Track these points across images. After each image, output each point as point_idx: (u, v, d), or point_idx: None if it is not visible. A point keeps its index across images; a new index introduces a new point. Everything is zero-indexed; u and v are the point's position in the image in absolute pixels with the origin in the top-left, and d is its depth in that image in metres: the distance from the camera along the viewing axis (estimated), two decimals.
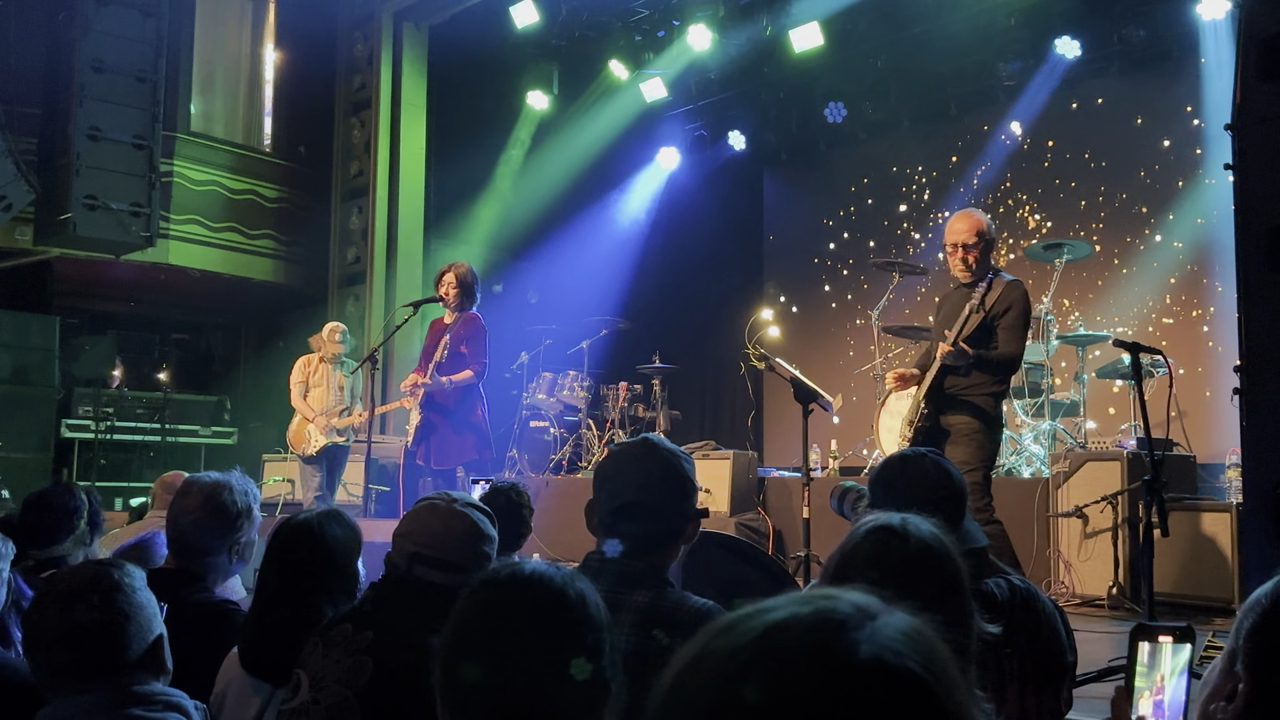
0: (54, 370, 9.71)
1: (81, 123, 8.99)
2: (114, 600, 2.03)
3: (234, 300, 12.56)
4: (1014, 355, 5.19)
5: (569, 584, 1.52)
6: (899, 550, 1.67)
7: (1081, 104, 10.00)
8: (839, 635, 0.77)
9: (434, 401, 6.83)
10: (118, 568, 2.12)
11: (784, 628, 0.78)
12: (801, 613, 0.79)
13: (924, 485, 2.57)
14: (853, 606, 0.80)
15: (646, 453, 2.30)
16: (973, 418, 5.13)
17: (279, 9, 12.37)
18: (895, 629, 0.79)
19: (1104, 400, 9.02)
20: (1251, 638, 1.30)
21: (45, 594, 2.08)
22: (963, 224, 5.30)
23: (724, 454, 8.18)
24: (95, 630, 2.01)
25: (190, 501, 2.96)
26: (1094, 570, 6.29)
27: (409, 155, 11.52)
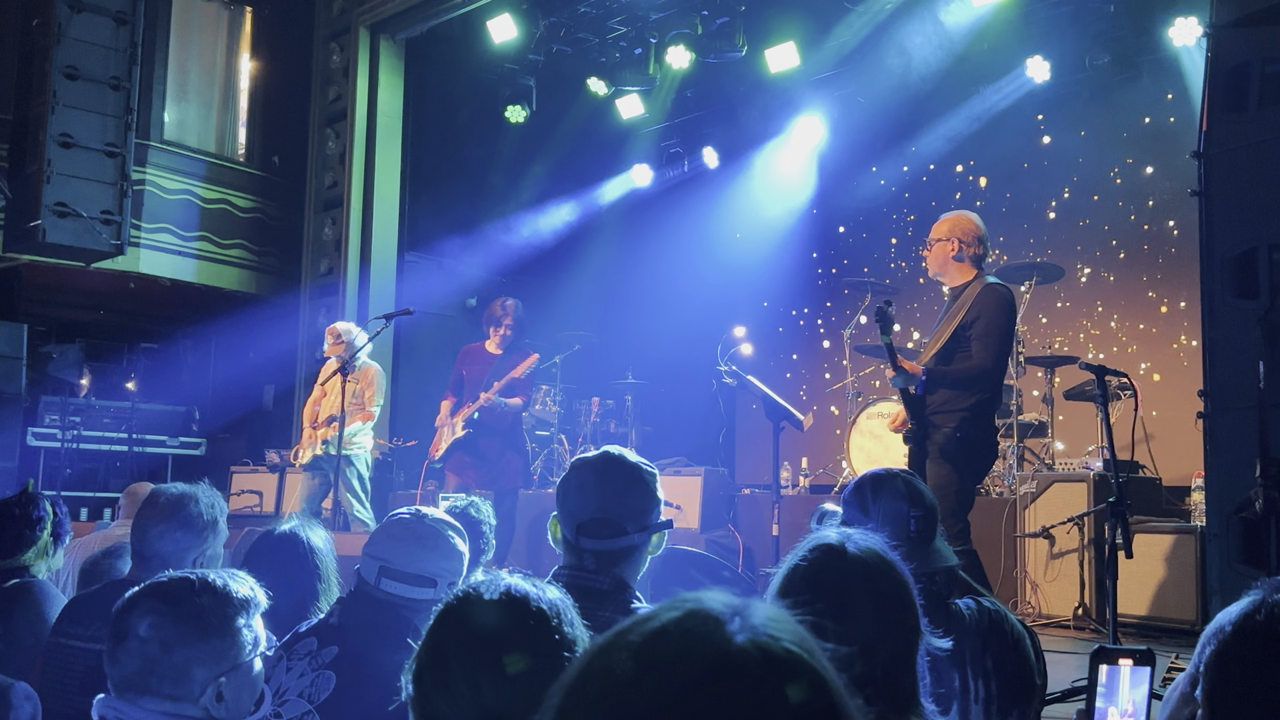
0: (20, 378, 9.60)
1: (53, 129, 8.92)
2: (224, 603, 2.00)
3: (204, 310, 12.47)
4: (979, 368, 4.87)
5: (544, 600, 1.51)
6: (835, 568, 1.68)
7: (1053, 126, 10.10)
8: (715, 630, 0.82)
9: (486, 425, 7.16)
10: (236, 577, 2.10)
11: (662, 634, 0.82)
12: (674, 616, 0.83)
13: (897, 504, 2.59)
14: (722, 603, 0.85)
15: (609, 465, 2.30)
16: (949, 437, 4.87)
17: (255, 19, 12.34)
18: (764, 615, 0.84)
19: (1071, 422, 9.10)
20: (1212, 667, 1.31)
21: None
22: (939, 224, 5.26)
23: (695, 470, 8.20)
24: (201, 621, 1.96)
25: (156, 511, 2.95)
26: (1060, 591, 6.34)
27: (384, 167, 11.49)
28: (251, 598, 2.00)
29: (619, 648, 0.83)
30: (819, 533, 1.77)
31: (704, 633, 0.81)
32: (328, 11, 11.99)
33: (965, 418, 4.86)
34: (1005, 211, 10.46)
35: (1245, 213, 3.47)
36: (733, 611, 0.83)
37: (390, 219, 11.54)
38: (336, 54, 11.77)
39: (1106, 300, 9.80)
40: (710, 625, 0.82)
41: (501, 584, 1.53)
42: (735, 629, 0.81)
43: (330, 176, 11.69)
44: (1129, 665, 1.75)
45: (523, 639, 1.47)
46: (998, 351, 4.87)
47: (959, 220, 5.23)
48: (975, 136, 10.47)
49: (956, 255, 5.12)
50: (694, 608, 0.84)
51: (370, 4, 11.42)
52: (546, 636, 1.48)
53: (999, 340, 4.88)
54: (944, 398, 4.91)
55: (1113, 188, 9.82)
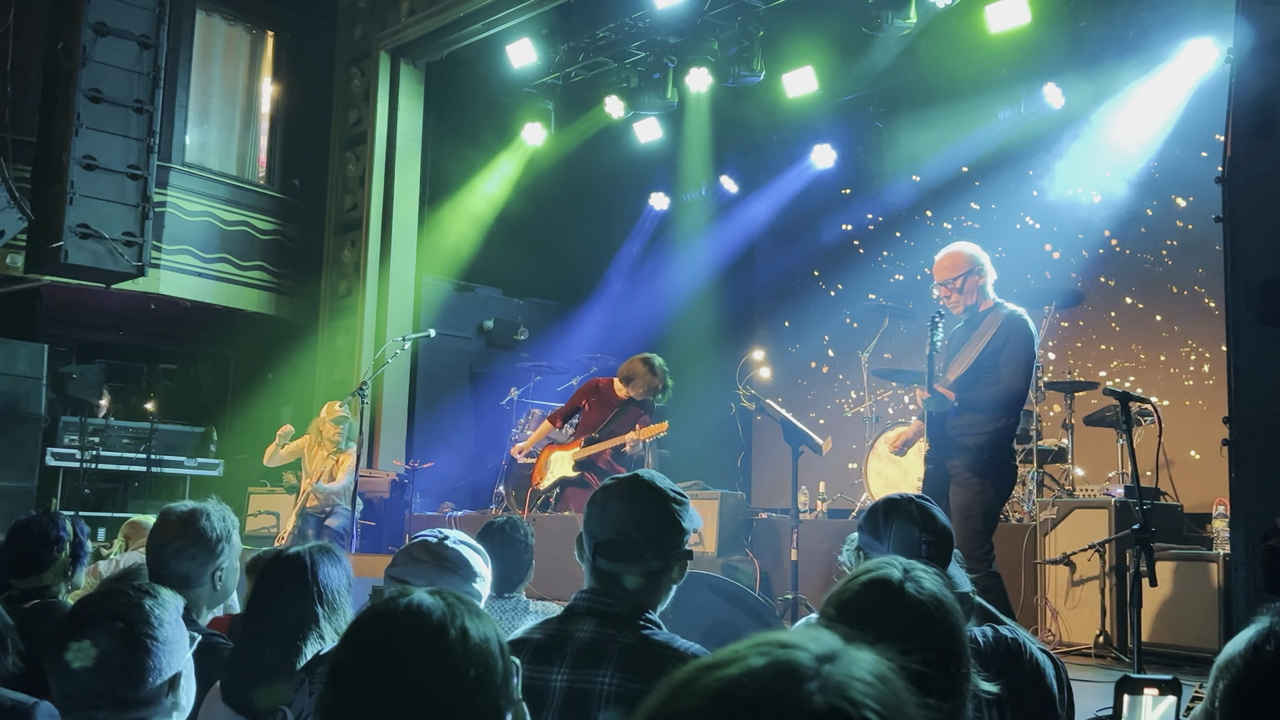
0: (41, 398, 9.65)
1: (76, 151, 8.99)
2: (138, 630, 2.00)
3: (224, 331, 12.53)
4: (1014, 390, 5.03)
5: (451, 618, 1.43)
6: (894, 606, 1.64)
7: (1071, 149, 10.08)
8: (794, 687, 0.77)
9: (594, 464, 7.67)
10: (152, 597, 2.08)
11: (739, 684, 0.78)
12: (756, 666, 0.79)
13: (909, 529, 2.58)
14: (809, 655, 0.80)
15: (634, 489, 2.25)
16: (972, 461, 5.00)
17: (277, 43, 12.45)
18: (852, 674, 0.79)
19: (1091, 448, 9.04)
20: (1226, 703, 1.29)
21: (75, 614, 2.05)
22: (944, 262, 5.36)
23: (712, 494, 8.17)
24: (113, 658, 1.97)
25: (169, 530, 2.94)
26: (1081, 618, 6.28)
27: (403, 190, 11.56)
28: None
29: (696, 692, 0.79)
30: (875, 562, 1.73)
31: (782, 689, 0.77)
32: (349, 36, 12.09)
33: (993, 439, 5.01)
34: (1019, 235, 10.44)
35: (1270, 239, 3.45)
36: (819, 664, 0.79)
37: (409, 241, 11.59)
38: (357, 78, 11.86)
39: (1126, 324, 9.75)
40: (790, 681, 0.78)
41: (401, 601, 1.45)
42: (815, 689, 0.77)
43: (350, 199, 11.76)
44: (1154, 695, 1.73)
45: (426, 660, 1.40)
46: (1026, 377, 5.04)
47: (954, 256, 5.37)
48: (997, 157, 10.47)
49: (980, 287, 5.28)
50: (779, 658, 0.79)
51: (391, 29, 11.52)
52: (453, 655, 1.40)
53: (1027, 366, 5.06)
54: (970, 420, 5.03)
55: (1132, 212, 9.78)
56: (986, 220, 10.71)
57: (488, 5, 10.49)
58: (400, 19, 11.46)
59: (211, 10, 11.82)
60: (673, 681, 0.81)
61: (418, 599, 1.45)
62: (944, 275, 5.33)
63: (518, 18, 10.47)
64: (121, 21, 9.34)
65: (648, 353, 7.97)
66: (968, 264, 5.31)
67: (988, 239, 10.64)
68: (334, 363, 11.54)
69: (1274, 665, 1.25)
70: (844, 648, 0.82)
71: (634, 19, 10.14)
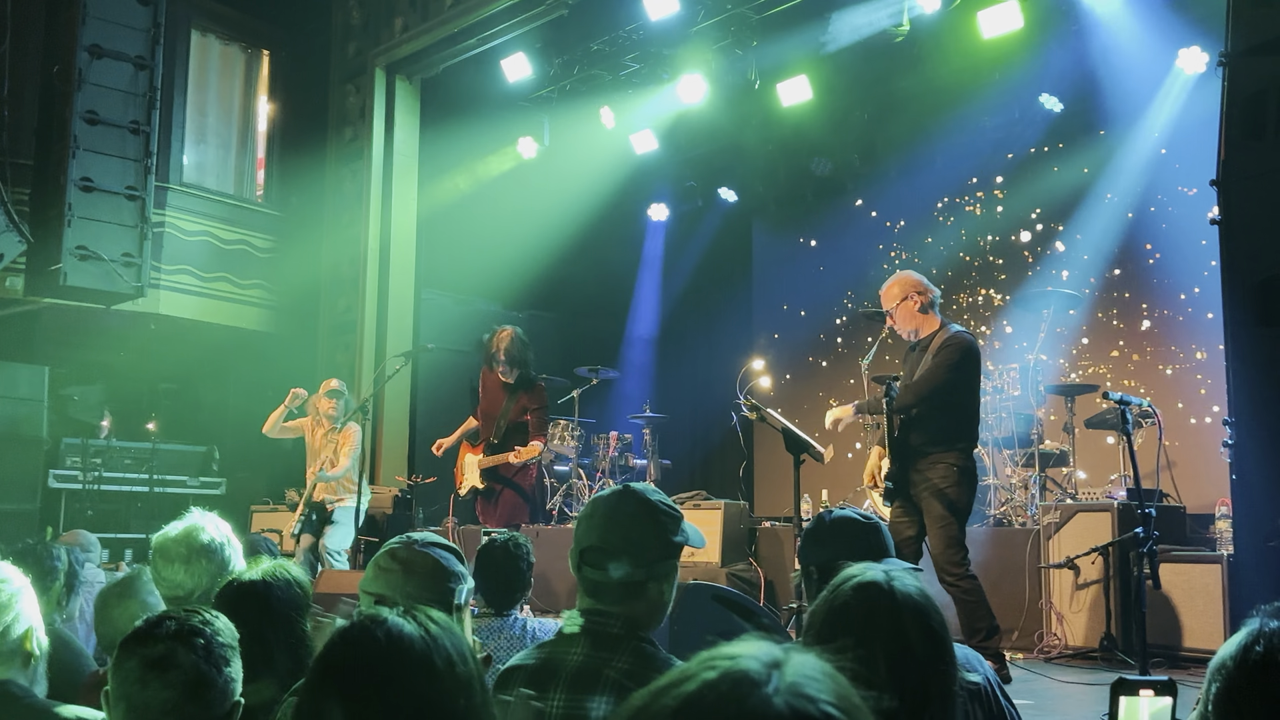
0: (42, 421, 9.66)
1: (74, 173, 9.01)
2: (214, 649, 2.00)
3: (224, 349, 12.52)
4: (919, 388, 5.35)
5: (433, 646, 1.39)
6: (888, 606, 1.66)
7: (1066, 156, 10.10)
8: (752, 694, 0.79)
9: (497, 472, 7.31)
10: (222, 621, 2.08)
11: (698, 699, 0.80)
12: (710, 679, 0.81)
13: (851, 536, 2.60)
14: (758, 662, 0.82)
15: (619, 499, 2.24)
16: (941, 473, 5.31)
17: (272, 62, 12.48)
18: (804, 675, 0.81)
19: (1093, 450, 9.05)
20: (1219, 704, 1.30)
21: (152, 628, 2.02)
22: (884, 291, 5.75)
23: (715, 504, 8.16)
24: (191, 673, 1.96)
25: (173, 555, 2.92)
26: (1086, 621, 6.28)
27: (401, 206, 11.57)
28: None
29: (655, 714, 0.80)
30: (856, 569, 1.74)
31: (740, 697, 0.79)
32: (344, 53, 12.12)
33: (961, 451, 5.37)
34: (1025, 240, 10.47)
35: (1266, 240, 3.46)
36: (770, 669, 0.81)
37: (407, 256, 11.60)
38: (353, 94, 11.89)
39: (1129, 326, 9.76)
40: (746, 688, 0.80)
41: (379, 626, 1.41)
42: (772, 690, 0.79)
43: (347, 215, 11.78)
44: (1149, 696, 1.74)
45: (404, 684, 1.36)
46: (941, 378, 5.33)
47: (904, 279, 5.73)
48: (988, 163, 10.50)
49: (921, 308, 5.61)
50: (730, 669, 0.81)
51: (385, 45, 11.54)
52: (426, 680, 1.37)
53: (946, 371, 5.35)
54: (936, 436, 5.37)
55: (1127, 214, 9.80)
56: (992, 224, 10.73)
57: (482, 20, 10.51)
58: (394, 35, 11.49)
59: (206, 30, 11.85)
60: (629, 707, 0.83)
61: (395, 628, 1.39)
62: (886, 303, 5.70)
63: (512, 32, 10.50)
64: (116, 43, 9.37)
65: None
66: (903, 291, 5.65)
67: (991, 244, 10.71)
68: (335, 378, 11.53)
69: (1263, 665, 1.26)
70: (786, 652, 0.84)
71: (628, 31, 10.17)
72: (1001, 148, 10.40)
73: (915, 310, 5.61)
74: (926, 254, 11.10)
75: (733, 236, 12.84)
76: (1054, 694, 5.17)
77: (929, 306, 5.63)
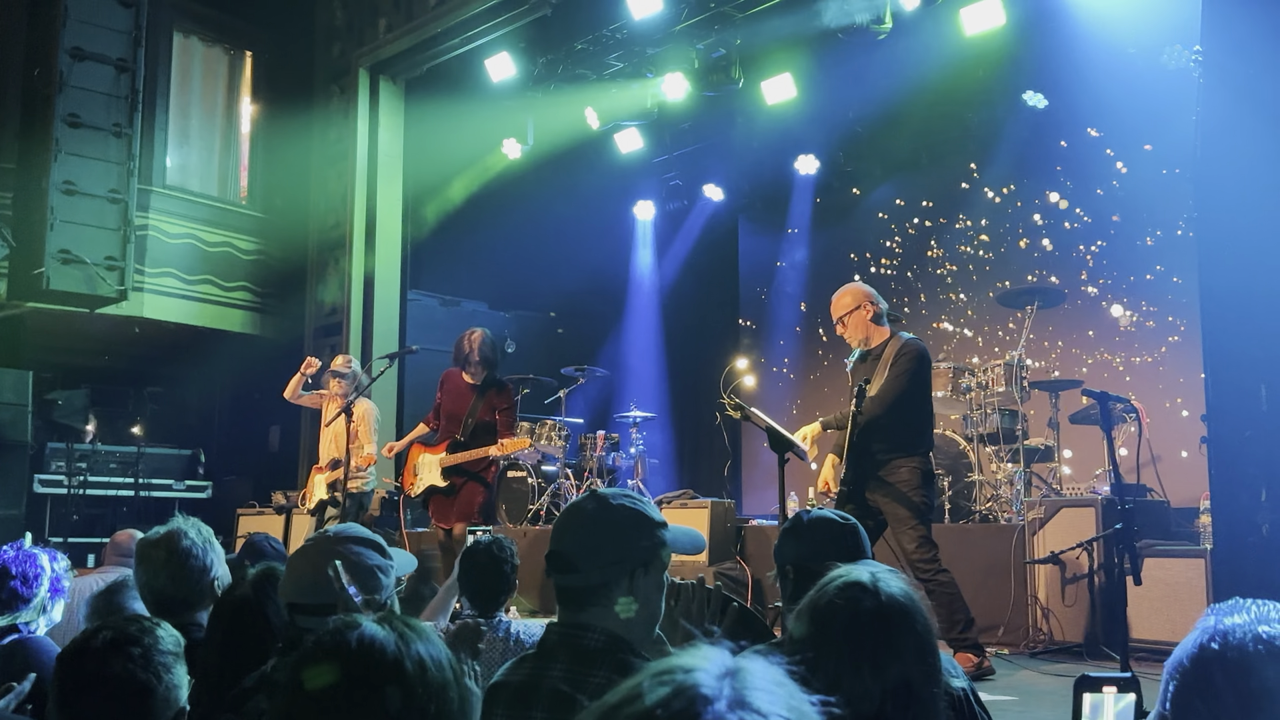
0: (27, 425, 9.61)
1: (56, 177, 8.98)
2: (153, 657, 1.98)
3: (209, 352, 12.48)
4: (884, 397, 5.48)
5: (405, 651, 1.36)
6: (873, 607, 1.66)
7: (1053, 149, 10.12)
8: (704, 710, 0.79)
9: (465, 470, 7.21)
10: (164, 629, 2.07)
11: (650, 718, 0.80)
12: (663, 695, 0.81)
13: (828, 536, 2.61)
14: (710, 675, 0.82)
15: (581, 503, 2.19)
16: (905, 477, 5.46)
17: (255, 63, 12.44)
18: (755, 685, 0.81)
19: (1079, 446, 9.08)
20: (1175, 702, 1.30)
21: (87, 640, 2.02)
22: (835, 300, 5.86)
23: (701, 503, 8.18)
24: (129, 683, 1.95)
25: (155, 560, 2.92)
26: (1073, 616, 6.30)
27: (386, 207, 11.54)
28: None
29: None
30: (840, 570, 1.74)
31: (692, 714, 0.79)
32: (327, 54, 12.09)
33: (923, 455, 5.55)
34: (1009, 236, 10.50)
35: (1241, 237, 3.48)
36: (722, 682, 0.81)
37: (393, 258, 11.58)
38: (337, 95, 11.86)
39: (1107, 322, 9.80)
40: (699, 704, 0.79)
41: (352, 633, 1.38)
42: (725, 707, 0.79)
43: (333, 217, 11.75)
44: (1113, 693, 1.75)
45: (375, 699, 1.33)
46: (901, 388, 5.50)
47: (856, 289, 5.88)
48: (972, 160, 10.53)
49: (873, 318, 5.76)
50: (681, 684, 0.81)
51: (369, 46, 11.52)
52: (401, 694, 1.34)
53: (906, 380, 5.51)
54: (898, 442, 5.51)
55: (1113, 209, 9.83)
56: (976, 222, 10.75)
57: (465, 20, 10.50)
58: (378, 36, 11.46)
59: (189, 32, 11.81)
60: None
61: (369, 633, 1.37)
62: (837, 311, 5.82)
63: (496, 32, 10.49)
64: (98, 45, 9.34)
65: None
66: (856, 301, 5.77)
67: (975, 240, 10.74)
68: (320, 382, 11.50)
69: (1216, 660, 1.26)
70: (738, 661, 0.84)
71: (611, 30, 10.17)
72: (985, 144, 10.42)
73: (868, 319, 5.75)
74: (911, 250, 11.13)
75: (718, 234, 12.85)
76: (1038, 689, 5.18)
77: (879, 318, 5.79)
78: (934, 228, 11.01)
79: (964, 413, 8.15)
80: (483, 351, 7.27)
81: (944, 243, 10.88)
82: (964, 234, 10.77)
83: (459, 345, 7.36)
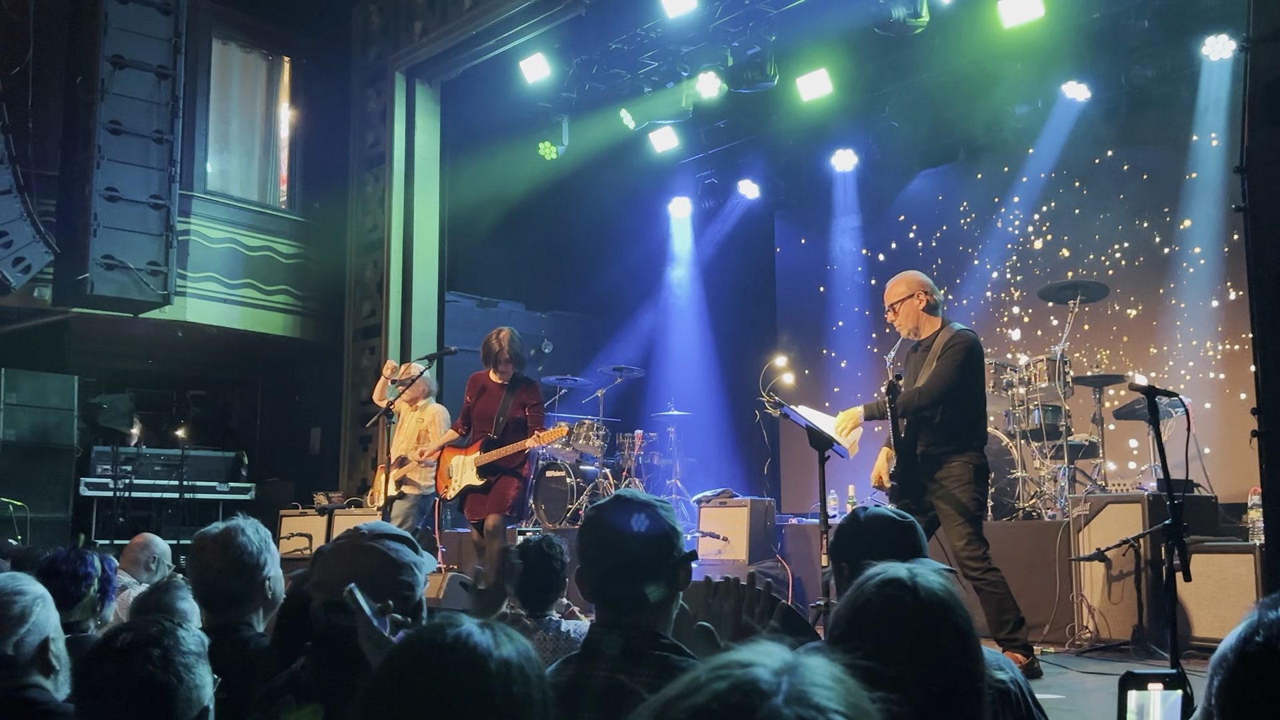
0: (73, 429, 9.75)
1: (99, 184, 9.11)
2: (173, 658, 1.99)
3: (251, 356, 12.62)
4: (931, 388, 5.38)
5: (495, 653, 1.36)
6: (911, 604, 1.65)
7: (1093, 144, 10.00)
8: (762, 704, 0.79)
9: (496, 464, 7.20)
10: (184, 629, 2.08)
11: (708, 712, 0.80)
12: (720, 690, 0.81)
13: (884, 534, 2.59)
14: (768, 670, 0.82)
15: (620, 511, 2.24)
16: (957, 472, 5.36)
17: (293, 68, 12.55)
18: (813, 681, 0.81)
19: (1122, 441, 8.97)
20: (1220, 698, 1.28)
21: (107, 642, 2.03)
22: (890, 286, 5.77)
23: (741, 501, 8.16)
24: (149, 685, 1.96)
25: (209, 554, 2.93)
26: (1119, 614, 6.22)
27: (423, 209, 11.61)
28: None
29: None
30: (879, 567, 1.73)
31: (750, 708, 0.79)
32: (364, 58, 12.18)
33: (975, 449, 5.44)
34: (1049, 232, 10.39)
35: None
36: (780, 678, 0.81)
37: (430, 260, 11.64)
38: (373, 99, 11.94)
39: (1155, 316, 9.67)
40: (757, 699, 0.80)
41: (449, 632, 1.37)
42: (782, 702, 0.79)
43: (370, 220, 11.83)
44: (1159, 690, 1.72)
45: (467, 699, 1.33)
46: (950, 378, 5.38)
47: (912, 278, 5.77)
48: (1012, 154, 10.42)
49: (926, 308, 5.66)
50: (740, 679, 0.81)
51: (405, 49, 11.59)
52: (493, 695, 1.33)
53: (954, 370, 5.39)
54: (948, 436, 5.40)
55: (1156, 201, 9.70)
56: (1015, 216, 10.65)
57: (500, 22, 10.53)
58: (414, 39, 11.53)
59: (228, 39, 11.93)
60: (640, 717, 0.83)
61: (466, 630, 1.38)
62: (890, 298, 5.74)
63: (530, 33, 10.51)
64: (139, 53, 9.46)
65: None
66: (910, 289, 5.68)
67: (1016, 235, 10.63)
68: (360, 383, 11.59)
69: (1262, 655, 1.24)
70: (796, 657, 0.84)
71: (645, 29, 10.16)
72: (1024, 137, 10.31)
73: (920, 309, 5.65)
74: (949, 245, 11.04)
75: (755, 232, 12.80)
76: (1085, 687, 5.12)
77: (933, 308, 5.68)
78: (973, 222, 10.91)
79: (1006, 409, 8.07)
80: (512, 349, 7.31)
81: (982, 237, 10.77)
82: (1003, 228, 10.66)
83: (487, 345, 7.41)
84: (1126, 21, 9.05)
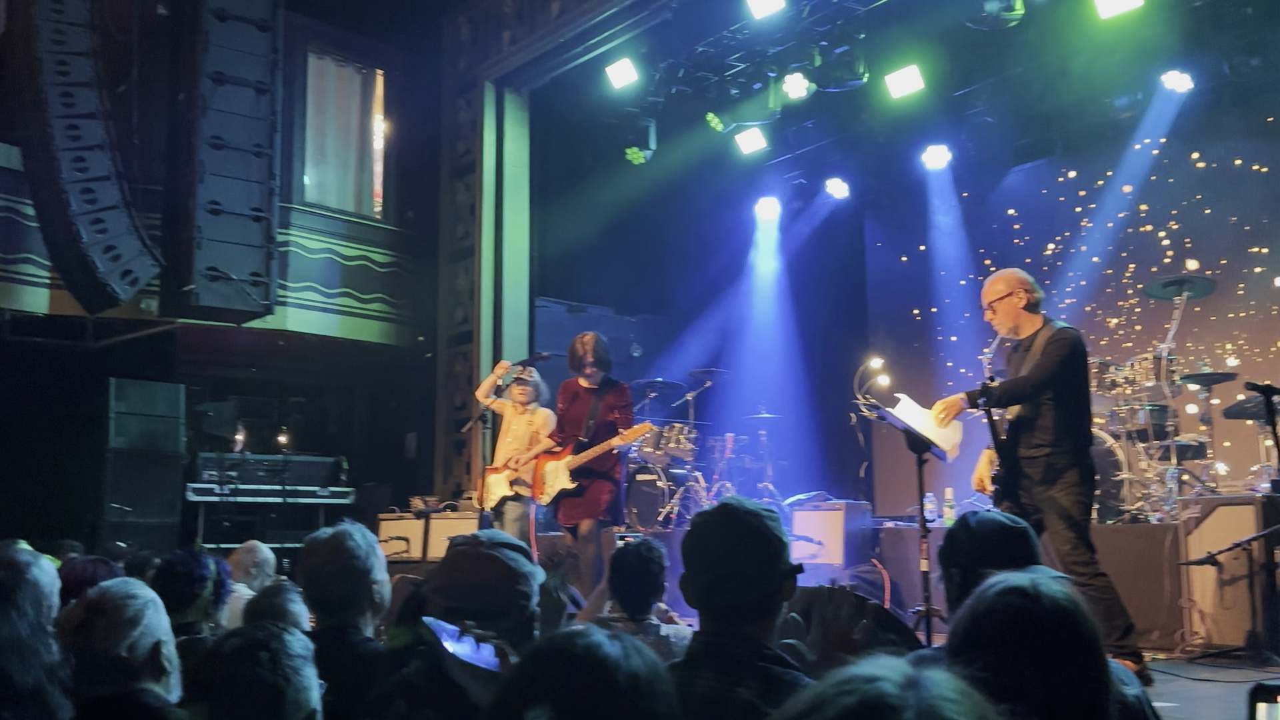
0: (180, 436, 10.04)
1: (202, 197, 9.36)
2: (281, 661, 2.04)
3: (348, 363, 12.87)
4: (1033, 379, 5.24)
5: (624, 665, 1.36)
6: (1035, 613, 1.60)
7: (1196, 136, 9.70)
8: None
9: (587, 466, 7.26)
10: (292, 634, 2.13)
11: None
12: (849, 705, 0.80)
13: (995, 540, 2.53)
14: (893, 684, 0.81)
15: (728, 520, 2.21)
16: (1061, 473, 5.19)
17: (386, 81, 12.78)
18: (941, 695, 0.80)
19: (1231, 441, 8.67)
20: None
21: (219, 646, 2.10)
22: (988, 285, 5.65)
23: (836, 505, 8.08)
24: (258, 686, 2.01)
25: (319, 557, 3.00)
26: (1231, 619, 6.02)
27: (513, 216, 11.73)
28: None
29: None
30: (1000, 576, 1.68)
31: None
32: (454, 69, 12.35)
33: (1079, 449, 5.25)
34: (1151, 227, 10.11)
35: None
36: (907, 691, 0.80)
37: (520, 266, 11.76)
38: (464, 109, 12.11)
39: (1265, 313, 9.34)
40: (885, 714, 0.79)
41: (579, 640, 1.38)
42: (912, 717, 0.78)
43: (462, 228, 11.99)
44: None
45: (596, 709, 1.33)
46: (1049, 373, 5.22)
47: (1011, 275, 5.63)
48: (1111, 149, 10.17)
49: (1026, 306, 5.50)
50: (867, 694, 0.80)
51: (494, 59, 11.73)
52: (621, 705, 1.34)
53: (1054, 365, 5.23)
54: (1050, 436, 5.24)
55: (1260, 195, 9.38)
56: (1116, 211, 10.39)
57: (587, 29, 10.60)
58: (502, 49, 11.66)
59: (323, 54, 12.20)
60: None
61: (597, 640, 1.38)
62: (988, 296, 5.61)
63: (617, 39, 10.56)
64: (238, 70, 9.71)
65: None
66: (1009, 287, 5.53)
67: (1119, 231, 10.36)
68: (454, 388, 11.76)
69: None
70: (920, 670, 0.82)
71: (732, 31, 10.13)
72: (1123, 130, 10.05)
73: (1020, 307, 5.48)
74: (1043, 241, 10.79)
75: (844, 232, 12.66)
76: (1198, 694, 4.96)
77: (1034, 306, 5.52)
78: (1072, 217, 10.65)
79: (1110, 409, 7.85)
80: (597, 353, 7.34)
81: (1080, 232, 10.51)
82: (1102, 223, 10.39)
83: (572, 350, 7.45)
84: (1228, 9, 8.77)
